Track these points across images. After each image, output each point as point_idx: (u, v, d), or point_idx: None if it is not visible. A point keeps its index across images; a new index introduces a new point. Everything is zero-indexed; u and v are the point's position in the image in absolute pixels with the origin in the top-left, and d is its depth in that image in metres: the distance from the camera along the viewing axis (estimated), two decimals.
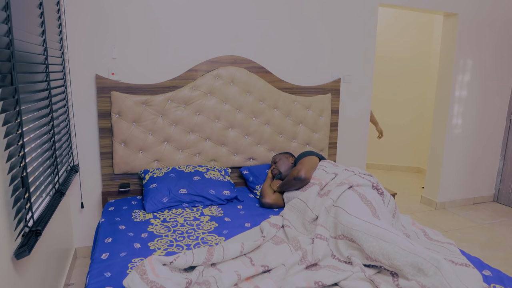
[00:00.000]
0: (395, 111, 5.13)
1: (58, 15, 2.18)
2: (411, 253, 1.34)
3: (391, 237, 1.43)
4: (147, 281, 1.26)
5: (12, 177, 1.30)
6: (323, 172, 2.14)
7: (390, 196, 1.94)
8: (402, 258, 1.35)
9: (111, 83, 2.45)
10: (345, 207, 1.69)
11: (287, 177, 2.29)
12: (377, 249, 1.42)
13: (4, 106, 1.23)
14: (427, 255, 1.32)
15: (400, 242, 1.40)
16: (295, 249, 1.63)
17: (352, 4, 3.02)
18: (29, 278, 1.55)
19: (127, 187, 2.51)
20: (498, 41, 3.70)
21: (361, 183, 1.88)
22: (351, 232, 1.55)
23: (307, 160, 2.23)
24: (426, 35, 4.89)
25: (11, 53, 1.30)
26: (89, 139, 2.53)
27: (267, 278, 1.36)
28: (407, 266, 1.33)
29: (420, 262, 1.31)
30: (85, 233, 2.64)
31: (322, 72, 3.05)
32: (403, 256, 1.35)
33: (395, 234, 1.45)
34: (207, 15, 2.64)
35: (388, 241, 1.42)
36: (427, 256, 1.31)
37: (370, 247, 1.45)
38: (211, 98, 2.65)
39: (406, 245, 1.38)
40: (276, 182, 2.41)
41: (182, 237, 1.83)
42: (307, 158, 2.26)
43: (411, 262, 1.33)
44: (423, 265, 1.30)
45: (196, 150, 2.68)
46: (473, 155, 3.87)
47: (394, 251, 1.38)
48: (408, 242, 1.41)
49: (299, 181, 2.14)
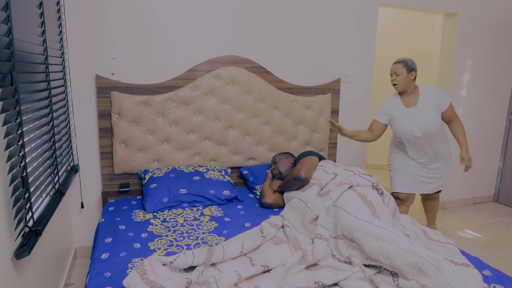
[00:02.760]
0: None
1: (58, 15, 2.18)
2: (411, 253, 1.34)
3: (391, 237, 1.43)
4: (147, 281, 1.26)
5: (12, 177, 1.30)
6: (323, 172, 2.13)
7: (390, 196, 1.94)
8: (402, 258, 1.35)
9: (111, 83, 2.45)
10: (345, 207, 1.69)
11: (287, 177, 2.29)
12: (377, 249, 1.42)
13: (4, 106, 1.23)
14: (427, 255, 1.32)
15: (400, 242, 1.40)
16: (295, 249, 1.63)
17: (352, 4, 3.02)
18: (29, 278, 1.55)
19: (127, 187, 2.51)
20: (498, 41, 3.70)
21: (361, 183, 1.88)
22: (351, 232, 1.55)
23: (307, 160, 2.23)
24: (426, 35, 4.89)
25: (11, 53, 1.30)
26: (89, 139, 2.53)
27: (267, 278, 1.36)
28: (407, 266, 1.33)
29: (420, 262, 1.31)
30: (85, 233, 2.64)
31: (322, 72, 3.05)
32: (403, 256, 1.35)
33: (395, 234, 1.45)
34: (207, 15, 2.65)
35: (388, 241, 1.42)
36: (427, 256, 1.31)
37: (370, 247, 1.45)
38: (211, 98, 2.65)
39: (406, 245, 1.38)
40: (276, 182, 2.41)
41: (182, 237, 1.83)
42: (307, 158, 2.26)
43: (411, 262, 1.33)
44: (423, 265, 1.30)
45: (196, 150, 2.68)
46: (473, 155, 3.87)
47: (394, 251, 1.38)
48: (408, 242, 1.41)
49: (299, 181, 2.14)
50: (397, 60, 2.49)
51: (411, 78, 2.44)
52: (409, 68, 2.43)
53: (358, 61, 3.15)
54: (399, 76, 2.43)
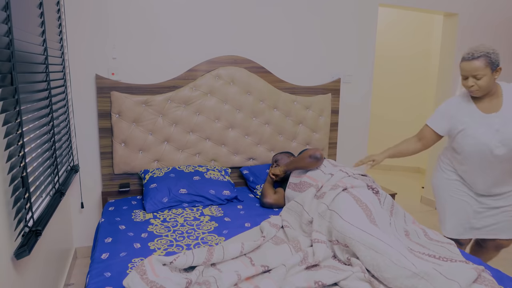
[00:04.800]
0: (395, 110, 5.13)
1: (58, 15, 2.18)
2: (401, 267, 1.35)
3: (384, 248, 1.43)
4: (147, 281, 1.26)
5: (12, 177, 1.30)
6: (321, 173, 2.13)
7: (385, 194, 1.93)
8: (393, 272, 1.35)
9: (111, 83, 2.45)
10: (340, 211, 1.67)
11: (298, 156, 2.28)
12: (368, 259, 1.43)
13: (4, 106, 1.23)
14: (418, 269, 1.33)
15: (392, 254, 1.40)
16: (296, 250, 1.63)
17: (352, 4, 3.02)
18: (29, 278, 1.55)
19: (127, 187, 2.51)
20: (498, 41, 3.70)
21: (356, 184, 1.87)
22: (345, 239, 1.56)
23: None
24: (426, 34, 4.89)
25: (11, 53, 1.30)
26: (89, 139, 2.53)
27: (267, 278, 1.36)
28: (397, 279, 1.34)
29: (409, 275, 1.32)
30: (85, 233, 2.64)
31: (322, 72, 3.05)
32: (393, 269, 1.36)
33: (387, 245, 1.44)
34: (207, 15, 2.64)
35: (380, 252, 1.41)
36: (416, 270, 1.32)
37: (361, 256, 1.46)
38: (211, 98, 2.65)
39: (397, 258, 1.38)
40: (279, 167, 2.38)
41: (182, 237, 1.83)
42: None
43: (402, 275, 1.34)
44: (413, 278, 1.31)
45: (196, 150, 2.67)
46: None
47: (385, 264, 1.38)
48: (400, 254, 1.40)
49: (315, 159, 2.13)
50: (472, 52, 1.72)
51: (495, 77, 1.75)
52: (494, 65, 1.72)
53: (358, 61, 3.14)
54: (481, 80, 1.72)
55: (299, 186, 2.17)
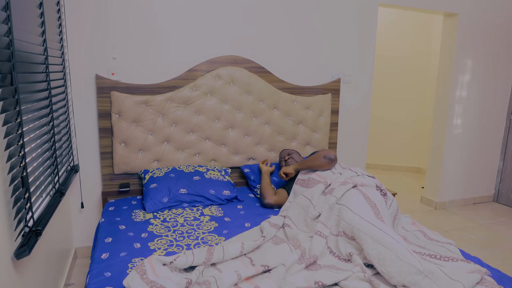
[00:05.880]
0: (395, 110, 5.13)
1: (58, 15, 2.18)
2: (406, 263, 1.36)
3: (391, 243, 1.44)
4: (147, 281, 1.26)
5: (12, 177, 1.30)
6: (330, 172, 2.15)
7: (392, 197, 1.95)
8: (397, 267, 1.36)
9: (111, 83, 2.45)
10: (350, 205, 1.70)
11: (312, 155, 2.30)
12: (375, 253, 1.44)
13: (4, 106, 1.23)
14: (423, 267, 1.33)
15: (398, 250, 1.41)
16: (295, 248, 1.63)
17: (352, 4, 3.02)
18: (29, 278, 1.55)
19: (127, 187, 2.51)
20: (498, 41, 3.70)
21: (365, 183, 1.90)
22: (353, 230, 1.57)
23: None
24: (426, 34, 4.89)
25: (11, 53, 1.30)
26: (89, 139, 2.53)
27: (267, 278, 1.36)
28: (400, 274, 1.34)
29: (414, 272, 1.33)
30: (85, 233, 2.64)
31: (322, 72, 3.05)
32: (399, 264, 1.37)
33: (395, 240, 1.46)
34: (207, 15, 2.64)
35: (387, 247, 1.43)
36: (421, 267, 1.33)
37: (368, 249, 1.47)
38: (211, 98, 2.65)
39: (403, 254, 1.39)
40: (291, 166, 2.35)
41: (182, 237, 1.83)
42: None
43: (406, 271, 1.34)
44: (417, 275, 1.32)
45: (196, 150, 2.67)
46: (473, 155, 3.87)
47: (390, 259, 1.39)
48: (406, 250, 1.42)
49: (329, 160, 2.16)
50: None
51: None
52: None
53: (358, 61, 3.15)
54: None
55: (307, 182, 2.18)
